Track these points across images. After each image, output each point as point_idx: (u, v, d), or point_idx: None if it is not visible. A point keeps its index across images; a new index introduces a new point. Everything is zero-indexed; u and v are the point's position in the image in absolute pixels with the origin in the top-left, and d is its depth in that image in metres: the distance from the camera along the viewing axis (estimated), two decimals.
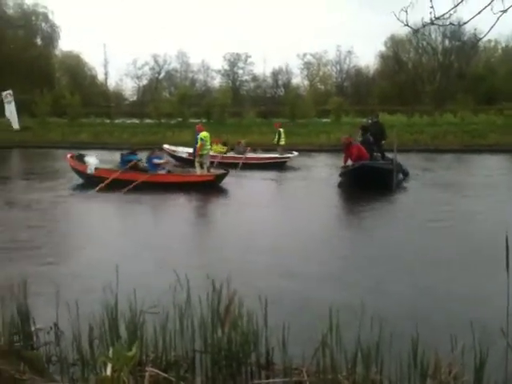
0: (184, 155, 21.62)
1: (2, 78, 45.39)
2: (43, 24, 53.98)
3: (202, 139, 16.17)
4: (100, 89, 65.68)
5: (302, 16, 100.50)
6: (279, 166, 21.25)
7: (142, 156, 16.15)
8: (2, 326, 4.19)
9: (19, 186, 16.57)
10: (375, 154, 17.02)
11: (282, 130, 23.14)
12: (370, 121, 19.04)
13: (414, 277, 6.74)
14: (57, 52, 59.12)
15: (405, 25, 3.46)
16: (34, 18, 53.45)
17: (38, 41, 54.10)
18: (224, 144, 22.69)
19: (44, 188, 15.43)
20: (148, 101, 51.20)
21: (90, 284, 6.07)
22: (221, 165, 18.22)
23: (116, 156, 16.66)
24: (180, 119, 40.02)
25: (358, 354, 3.47)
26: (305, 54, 67.12)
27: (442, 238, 9.10)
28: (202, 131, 16.40)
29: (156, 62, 70.47)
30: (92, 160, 15.97)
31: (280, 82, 69.28)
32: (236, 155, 21.40)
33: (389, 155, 16.77)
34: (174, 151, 22.61)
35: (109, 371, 3.10)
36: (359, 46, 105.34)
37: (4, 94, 35.76)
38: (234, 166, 19.27)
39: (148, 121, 42.40)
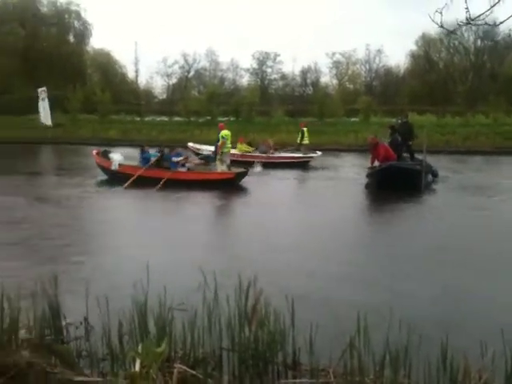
0: (208, 153, 21.74)
1: (36, 74, 46.34)
2: (76, 22, 54.80)
3: (223, 137, 16.30)
4: (130, 86, 66.35)
5: (332, 15, 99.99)
6: (302, 165, 21.18)
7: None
8: (33, 320, 4.27)
9: (49, 182, 16.89)
10: (404, 154, 16.84)
11: (305, 129, 23.09)
12: (399, 121, 18.85)
13: (443, 280, 6.64)
14: (88, 49, 59.96)
15: (440, 26, 3.42)
16: (66, 16, 54.25)
17: (71, 38, 54.89)
18: (249, 143, 22.84)
19: (73, 184, 15.73)
20: (177, 99, 51.56)
21: (120, 280, 6.16)
22: (241, 163, 18.24)
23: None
24: (208, 117, 40.20)
25: (386, 356, 3.44)
26: (334, 53, 66.77)
27: (469, 241, 8.93)
28: (223, 129, 16.56)
29: (186, 60, 70.97)
30: (117, 156, 16.33)
31: (308, 81, 69.05)
32: (259, 154, 21.47)
33: (418, 156, 16.57)
34: (198, 149, 22.79)
35: (138, 367, 3.15)
36: (389, 45, 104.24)
37: (39, 90, 36.42)
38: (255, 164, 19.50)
39: (177, 119, 42.68)
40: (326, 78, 67.99)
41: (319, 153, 22.34)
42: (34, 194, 13.69)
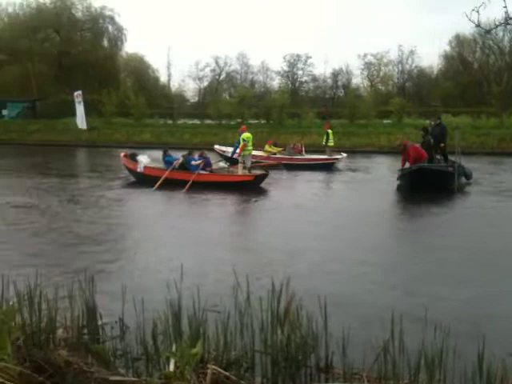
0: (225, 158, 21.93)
1: (71, 79, 47.28)
2: (110, 26, 55.66)
3: (244, 140, 16.60)
4: (163, 90, 67.14)
5: (363, 16, 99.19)
6: (327, 167, 21.15)
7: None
8: (70, 319, 4.35)
9: (81, 184, 17.26)
10: (438, 156, 16.59)
11: (330, 131, 23.11)
12: (432, 122, 18.58)
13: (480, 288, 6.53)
14: (122, 54, 60.84)
15: (476, 25, 3.37)
16: (101, 21, 55.14)
17: (105, 43, 55.79)
18: (275, 145, 22.99)
19: (104, 186, 16.16)
20: (208, 102, 51.90)
21: (154, 280, 6.24)
22: (265, 165, 18.60)
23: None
24: (239, 120, 40.37)
25: (421, 360, 3.40)
26: (365, 55, 66.22)
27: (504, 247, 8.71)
28: (244, 132, 16.86)
29: (217, 63, 71.48)
30: (143, 159, 16.79)
31: (339, 83, 68.67)
32: (285, 156, 21.61)
33: (452, 158, 16.30)
34: (224, 151, 22.99)
35: (172, 367, 3.19)
36: (422, 46, 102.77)
37: (75, 94, 37.18)
38: (282, 166, 19.78)
39: (209, 122, 42.99)
40: (358, 80, 67.54)
41: (344, 154, 22.34)
42: (65, 196, 14.05)
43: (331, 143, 22.86)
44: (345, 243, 8.95)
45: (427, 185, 13.67)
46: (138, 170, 16.46)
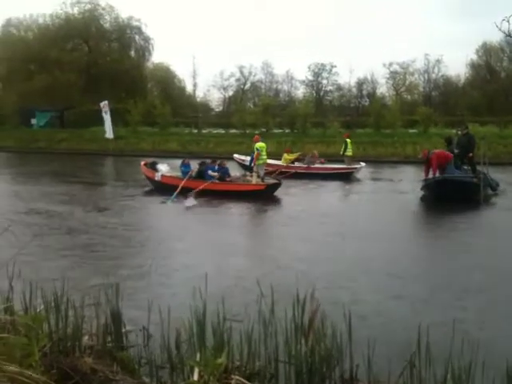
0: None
1: (99, 88, 47.99)
2: (137, 37, 56.29)
3: (257, 149, 16.82)
4: (188, 99, 67.70)
5: (388, 25, 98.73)
6: (345, 176, 21.01)
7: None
8: (96, 327, 4.40)
9: (104, 192, 17.57)
10: (465, 167, 16.33)
11: (348, 140, 23.05)
12: (459, 132, 18.32)
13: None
14: (149, 64, 61.52)
15: (507, 35, 3.33)
16: (128, 31, 55.86)
17: (132, 53, 56.45)
18: (291, 152, 23.25)
19: (125, 194, 16.45)
20: (233, 111, 52.13)
21: (177, 289, 6.27)
22: (282, 174, 19.14)
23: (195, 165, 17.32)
24: (264, 129, 40.46)
25: (447, 375, 3.35)
26: (391, 63, 65.76)
27: None
28: (258, 141, 17.07)
29: (241, 73, 71.89)
30: (163, 167, 17.15)
31: (364, 92, 68.36)
32: (302, 165, 21.61)
33: (479, 168, 16.04)
34: (244, 160, 23.11)
35: (196, 376, 3.20)
36: (449, 55, 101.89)
37: (102, 104, 37.76)
38: (297, 175, 19.84)
39: (233, 131, 43.18)
40: (383, 89, 67.09)
41: (363, 164, 22.20)
42: (88, 203, 14.29)
43: (349, 153, 22.78)
44: (358, 252, 8.86)
45: (450, 196, 13.46)
46: (156, 178, 16.78)
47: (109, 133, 37.85)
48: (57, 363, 3.45)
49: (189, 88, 71.12)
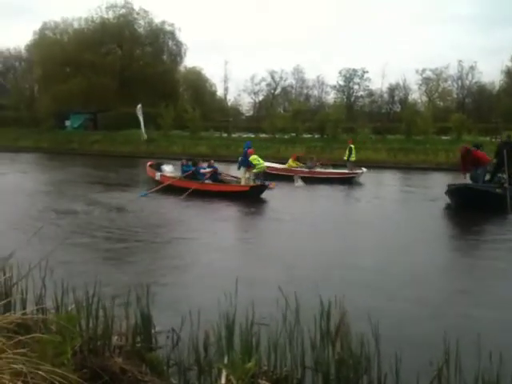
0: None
1: (132, 92, 48.69)
2: (170, 41, 56.89)
3: (251, 162, 17.41)
4: (219, 104, 68.11)
5: (421, 30, 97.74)
6: (347, 181, 21.50)
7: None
8: (126, 327, 4.45)
9: (126, 193, 17.67)
10: (503, 175, 15.86)
11: (353, 146, 23.85)
12: (493, 139, 17.89)
13: None
14: (181, 68, 62.06)
15: None
16: (161, 36, 56.48)
17: (165, 57, 57.03)
18: (297, 159, 23.73)
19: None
20: (263, 116, 52.21)
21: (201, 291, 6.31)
22: (285, 177, 20.71)
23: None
24: (293, 134, 40.40)
25: None
26: (424, 70, 65.09)
27: None
28: (252, 154, 17.57)
29: (272, 78, 72.12)
30: (168, 168, 18.75)
31: (396, 98, 67.75)
32: (304, 169, 22.26)
33: None
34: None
35: (223, 379, 3.22)
36: (483, 62, 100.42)
37: (138, 107, 38.34)
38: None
39: (263, 135, 43.24)
40: (415, 95, 66.38)
41: (364, 169, 22.72)
42: (105, 203, 14.77)
43: (353, 158, 23.53)
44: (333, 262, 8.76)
45: (472, 205, 13.32)
46: (156, 177, 18.14)
47: (142, 135, 38.41)
48: (87, 362, 3.51)
49: (220, 92, 71.67)
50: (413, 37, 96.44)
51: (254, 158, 17.50)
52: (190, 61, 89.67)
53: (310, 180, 20.85)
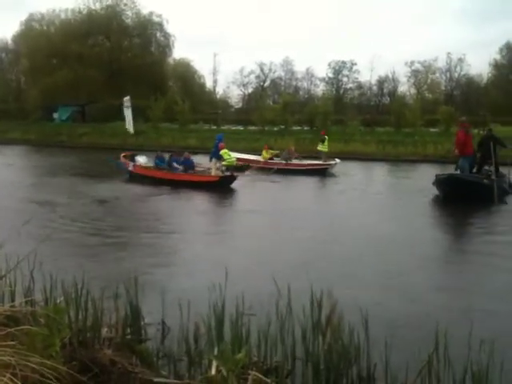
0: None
1: (120, 84, 48.37)
2: (158, 33, 56.54)
3: (221, 155, 17.82)
4: (208, 96, 67.90)
5: (410, 24, 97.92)
6: (321, 172, 21.88)
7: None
8: (115, 319, 4.43)
9: (97, 183, 17.94)
10: (487, 167, 16.08)
11: (326, 137, 24.48)
12: (481, 132, 18.03)
13: None
14: (170, 60, 61.70)
15: None
16: (149, 28, 56.09)
17: (153, 49, 56.69)
18: (271, 148, 24.35)
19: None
20: (252, 108, 52.13)
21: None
22: (261, 169, 21.02)
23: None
24: (282, 126, 40.39)
25: (466, 375, 3.32)
26: (412, 62, 65.33)
27: None
28: (222, 149, 17.99)
29: (262, 70, 71.98)
30: (141, 159, 19.29)
31: (385, 91, 67.93)
32: (279, 161, 22.67)
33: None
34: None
35: (213, 370, 3.22)
36: (471, 55, 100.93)
37: (125, 99, 38.09)
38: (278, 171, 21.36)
39: (252, 127, 43.15)
40: (404, 88, 66.62)
41: (338, 160, 22.93)
42: (82, 193, 15.01)
43: (325, 149, 23.96)
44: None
45: (460, 196, 13.36)
46: (129, 168, 18.80)
47: (129, 127, 38.18)
48: (77, 354, 3.50)
49: (209, 84, 71.44)
50: (402, 29, 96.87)
51: (225, 152, 17.96)
52: (179, 52, 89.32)
53: (286, 171, 21.35)
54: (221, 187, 16.57)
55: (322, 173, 21.84)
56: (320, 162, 22.90)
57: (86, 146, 37.19)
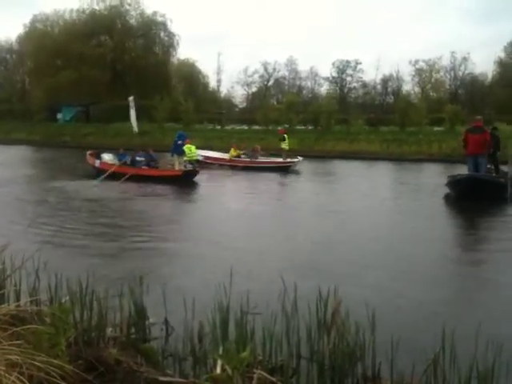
0: (200, 158, 22.55)
1: (124, 84, 48.48)
2: (162, 33, 56.56)
3: (184, 149, 19.07)
4: (212, 96, 67.91)
5: (414, 22, 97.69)
6: (284, 169, 22.83)
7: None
8: (120, 318, 4.44)
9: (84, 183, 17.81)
10: (488, 165, 16.00)
11: (286, 135, 25.40)
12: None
13: None
14: (174, 60, 61.71)
15: None
16: (153, 28, 56.11)
17: (157, 49, 56.73)
18: (238, 149, 25.20)
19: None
20: (256, 107, 52.13)
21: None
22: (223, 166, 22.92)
23: None
24: (287, 125, 40.43)
25: (471, 375, 3.31)
26: (417, 61, 65.17)
27: None
28: (188, 144, 19.54)
29: (266, 69, 71.92)
30: (108, 157, 20.00)
31: (389, 90, 67.77)
32: (244, 159, 23.90)
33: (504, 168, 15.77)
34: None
35: (219, 369, 3.22)
36: (477, 53, 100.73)
37: (130, 99, 38.18)
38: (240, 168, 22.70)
39: (256, 127, 43.15)
40: (408, 86, 66.48)
41: (300, 158, 23.82)
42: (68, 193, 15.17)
43: (286, 146, 24.93)
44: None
45: (477, 196, 13.05)
46: (96, 165, 19.45)
47: (134, 127, 38.23)
48: (82, 354, 3.50)
49: (213, 84, 71.44)
50: (406, 28, 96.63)
51: (188, 147, 19.03)
52: (184, 52, 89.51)
53: (250, 169, 22.41)
54: (183, 181, 17.46)
55: (286, 170, 22.84)
56: (283, 160, 23.90)
57: (90, 146, 37.18)
